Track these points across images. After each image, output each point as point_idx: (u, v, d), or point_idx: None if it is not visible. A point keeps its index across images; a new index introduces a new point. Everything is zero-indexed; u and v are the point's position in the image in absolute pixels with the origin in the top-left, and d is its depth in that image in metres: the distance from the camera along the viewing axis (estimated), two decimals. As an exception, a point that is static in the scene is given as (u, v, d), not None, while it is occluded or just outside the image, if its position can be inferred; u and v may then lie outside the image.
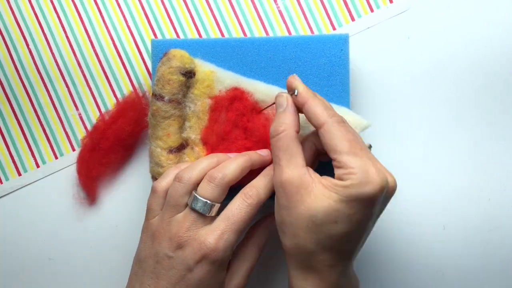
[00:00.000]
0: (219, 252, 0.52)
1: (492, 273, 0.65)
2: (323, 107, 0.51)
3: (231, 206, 0.54)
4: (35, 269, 0.67)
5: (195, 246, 0.52)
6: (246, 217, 0.54)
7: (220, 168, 0.55)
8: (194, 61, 0.60)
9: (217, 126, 0.60)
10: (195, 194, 0.54)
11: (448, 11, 0.65)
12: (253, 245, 0.57)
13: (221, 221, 0.53)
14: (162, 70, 0.58)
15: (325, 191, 0.49)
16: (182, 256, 0.53)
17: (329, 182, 0.49)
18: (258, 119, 0.60)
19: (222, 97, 0.60)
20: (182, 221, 0.54)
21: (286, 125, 0.52)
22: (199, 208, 0.53)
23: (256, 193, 0.54)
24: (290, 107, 0.53)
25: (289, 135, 0.52)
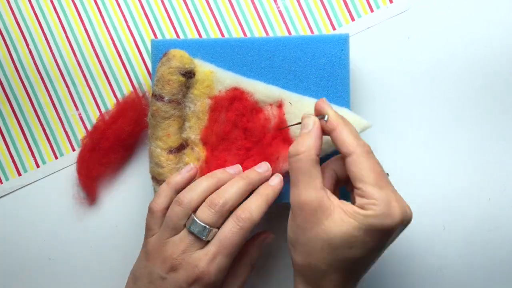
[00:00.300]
0: (211, 276, 0.53)
1: (492, 273, 0.65)
2: (352, 135, 0.52)
3: (223, 229, 0.54)
4: (35, 269, 0.67)
5: (188, 269, 0.53)
6: (238, 241, 0.54)
7: (221, 194, 0.55)
8: (194, 61, 0.60)
9: (217, 126, 0.60)
10: (195, 218, 0.54)
11: (448, 11, 0.65)
12: (245, 263, 0.58)
13: (213, 245, 0.54)
14: (162, 70, 0.58)
15: (344, 217, 0.49)
16: (175, 278, 0.53)
17: (349, 208, 0.50)
18: (258, 119, 0.60)
19: (222, 97, 0.60)
20: (178, 243, 0.54)
21: (308, 147, 0.52)
22: (197, 232, 0.54)
23: (249, 216, 0.54)
24: (315, 130, 0.53)
25: (310, 158, 0.51)
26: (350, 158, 0.51)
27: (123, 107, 0.65)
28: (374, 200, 0.49)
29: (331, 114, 0.53)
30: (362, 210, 0.49)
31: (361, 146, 0.51)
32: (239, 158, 0.60)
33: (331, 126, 0.53)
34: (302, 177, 0.51)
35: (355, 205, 0.50)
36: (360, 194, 0.50)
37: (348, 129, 0.52)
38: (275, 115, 0.59)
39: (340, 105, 0.60)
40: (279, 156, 0.59)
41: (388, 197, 0.49)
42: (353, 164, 0.50)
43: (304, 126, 0.54)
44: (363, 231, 0.49)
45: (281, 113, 0.60)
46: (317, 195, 0.50)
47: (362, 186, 0.50)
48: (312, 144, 0.52)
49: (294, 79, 0.61)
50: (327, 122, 0.53)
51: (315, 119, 0.54)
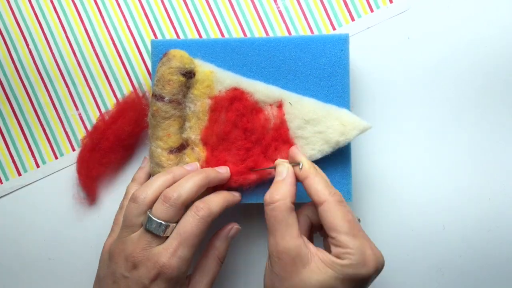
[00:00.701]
0: (174, 269, 0.52)
1: (492, 273, 0.65)
2: (324, 184, 0.53)
3: (182, 222, 0.54)
4: (35, 269, 0.67)
5: (149, 265, 0.53)
6: (198, 231, 0.53)
7: (175, 187, 0.55)
8: (194, 61, 0.60)
9: (217, 127, 0.60)
10: (149, 215, 0.54)
11: (448, 11, 0.65)
12: (213, 258, 0.58)
13: (173, 238, 0.53)
14: (162, 70, 0.58)
15: (321, 266, 0.50)
16: (137, 275, 0.53)
17: (326, 258, 0.50)
18: (258, 120, 0.60)
19: (222, 97, 0.60)
20: (137, 241, 0.54)
21: (282, 195, 0.52)
22: (153, 229, 0.53)
23: (208, 206, 0.54)
24: (289, 178, 0.54)
25: (285, 206, 0.52)
26: (323, 207, 0.51)
27: (123, 107, 0.65)
28: (349, 249, 0.50)
29: (304, 162, 0.54)
30: (339, 259, 0.50)
31: (333, 195, 0.52)
32: (239, 158, 0.60)
33: (303, 175, 0.53)
34: (279, 226, 0.51)
35: (331, 254, 0.50)
36: (335, 244, 0.50)
37: (319, 178, 0.53)
38: (275, 116, 0.59)
39: (340, 105, 0.60)
40: (279, 157, 0.59)
41: (362, 246, 0.50)
42: (326, 213, 0.51)
43: (278, 173, 0.55)
44: (339, 280, 0.49)
45: (281, 113, 0.60)
46: (295, 243, 0.51)
47: (337, 235, 0.50)
48: (287, 192, 0.53)
49: (294, 79, 0.61)
50: (301, 170, 0.54)
51: (289, 166, 0.55)
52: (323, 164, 0.57)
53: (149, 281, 0.53)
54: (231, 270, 0.66)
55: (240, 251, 0.66)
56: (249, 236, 0.66)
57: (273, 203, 0.52)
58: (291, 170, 0.54)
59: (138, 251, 0.53)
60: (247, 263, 0.66)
